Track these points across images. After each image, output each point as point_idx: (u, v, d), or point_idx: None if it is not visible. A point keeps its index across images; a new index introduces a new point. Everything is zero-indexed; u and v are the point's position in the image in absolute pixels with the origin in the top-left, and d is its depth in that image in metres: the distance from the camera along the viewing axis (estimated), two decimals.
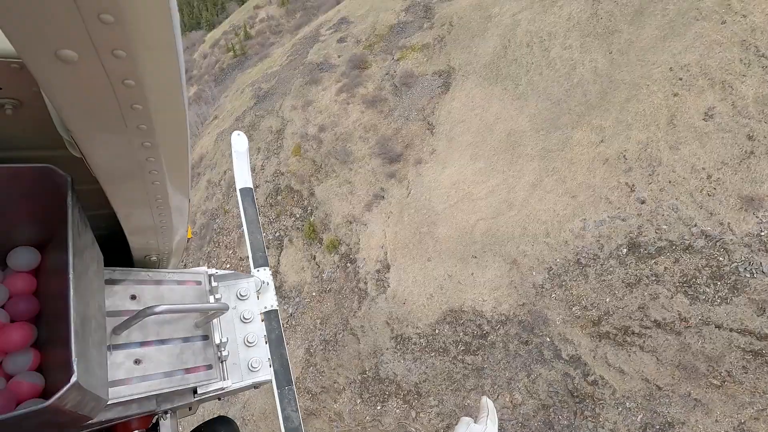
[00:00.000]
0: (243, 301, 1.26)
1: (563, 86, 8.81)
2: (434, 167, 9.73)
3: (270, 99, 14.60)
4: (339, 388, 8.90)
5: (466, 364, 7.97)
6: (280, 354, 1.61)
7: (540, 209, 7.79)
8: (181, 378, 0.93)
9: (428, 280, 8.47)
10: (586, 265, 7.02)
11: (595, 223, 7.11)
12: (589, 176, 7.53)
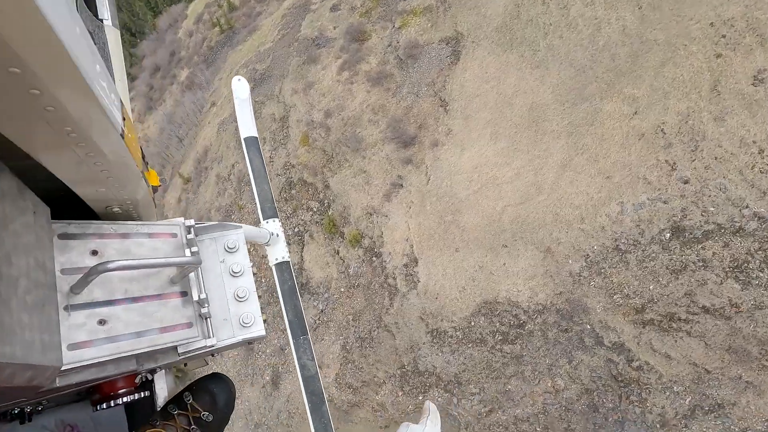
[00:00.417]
0: (232, 254, 1.17)
1: (588, 50, 8.06)
2: (452, 150, 9.24)
3: (267, 82, 13.84)
4: (379, 381, 9.09)
5: (504, 353, 7.99)
6: (294, 305, 1.64)
7: (572, 192, 7.40)
8: (155, 338, 0.88)
9: (459, 272, 8.31)
10: (626, 252, 6.74)
11: (633, 206, 6.74)
12: (624, 154, 7.05)
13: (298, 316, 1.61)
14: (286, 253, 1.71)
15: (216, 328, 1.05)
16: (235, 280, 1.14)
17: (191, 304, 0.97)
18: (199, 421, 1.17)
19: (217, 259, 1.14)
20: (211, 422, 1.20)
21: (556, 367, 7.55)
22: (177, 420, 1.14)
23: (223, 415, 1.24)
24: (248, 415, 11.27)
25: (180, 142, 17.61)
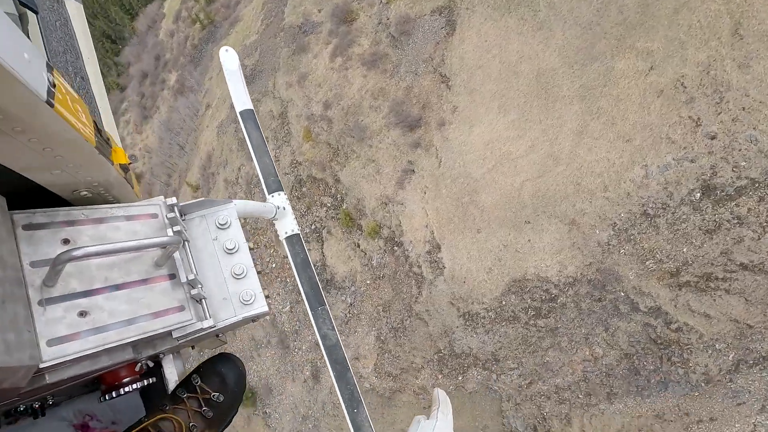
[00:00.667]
0: (224, 231, 1.14)
1: (592, 5, 7.57)
2: (460, 128, 8.96)
3: (260, 78, 13.47)
4: (417, 367, 9.26)
5: (539, 328, 8.02)
6: (308, 277, 1.64)
7: (591, 160, 7.16)
8: (145, 324, 0.86)
9: (483, 253, 8.24)
10: (655, 216, 6.56)
11: (658, 168, 6.50)
12: (643, 114, 6.73)
13: (313, 288, 1.61)
14: (295, 226, 1.69)
15: (215, 308, 1.05)
16: (231, 257, 1.12)
17: (181, 287, 0.94)
18: (209, 402, 1.17)
19: (209, 237, 1.12)
20: (223, 402, 1.20)
21: (592, 335, 7.57)
22: (187, 403, 1.14)
23: (234, 394, 1.23)
24: (294, 409, 11.67)
25: (182, 149, 17.44)
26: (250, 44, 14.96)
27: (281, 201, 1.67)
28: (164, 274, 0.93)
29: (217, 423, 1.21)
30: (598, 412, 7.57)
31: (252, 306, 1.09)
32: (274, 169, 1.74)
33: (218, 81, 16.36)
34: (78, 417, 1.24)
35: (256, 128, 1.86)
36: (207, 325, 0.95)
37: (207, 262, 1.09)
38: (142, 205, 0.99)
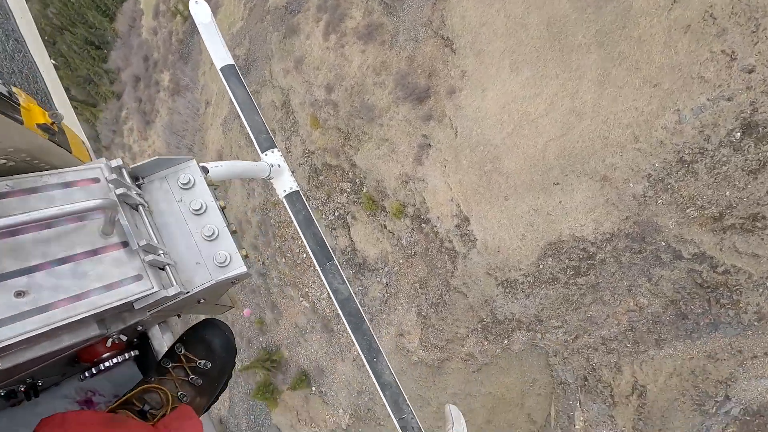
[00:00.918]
0: (188, 191, 1.08)
1: None
2: (472, 93, 8.58)
3: (254, 67, 13.05)
4: (462, 336, 9.47)
5: (579, 286, 8.01)
6: (313, 233, 1.60)
7: (617, 111, 6.80)
8: (98, 299, 0.80)
9: (514, 220, 8.13)
10: (692, 162, 6.28)
11: (692, 111, 6.14)
12: (670, 54, 6.28)
13: (319, 244, 1.59)
14: (293, 183, 1.64)
15: (190, 273, 1.01)
16: (199, 218, 1.07)
17: (137, 255, 0.88)
18: (196, 370, 1.15)
19: (173, 199, 1.07)
20: (211, 369, 1.18)
21: (635, 287, 7.53)
22: (173, 373, 1.13)
23: (223, 360, 1.21)
24: (348, 386, 12.24)
25: (190, 150, 17.36)
26: (237, 32, 14.39)
27: (275, 158, 1.60)
28: (116, 243, 0.87)
29: (209, 390, 1.20)
30: (648, 358, 7.68)
31: (228, 268, 1.04)
32: (264, 126, 1.67)
33: (212, 75, 15.94)
34: (80, 393, 1.24)
35: (240, 84, 1.79)
36: (173, 293, 0.90)
37: (174, 225, 1.04)
38: (80, 170, 0.91)
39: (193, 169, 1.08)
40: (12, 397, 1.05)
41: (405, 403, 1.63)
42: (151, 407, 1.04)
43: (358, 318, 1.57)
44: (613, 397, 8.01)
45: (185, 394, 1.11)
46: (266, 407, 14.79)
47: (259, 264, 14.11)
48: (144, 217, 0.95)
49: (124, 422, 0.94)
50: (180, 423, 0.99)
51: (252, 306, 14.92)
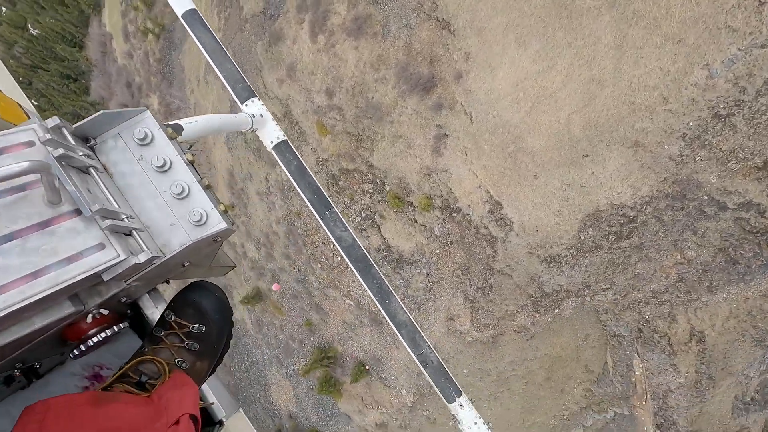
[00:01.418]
0: (147, 147, 0.99)
1: None
2: (481, 75, 8.28)
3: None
4: (512, 312, 9.72)
5: (623, 249, 8.06)
6: (308, 182, 1.58)
7: (641, 74, 6.53)
8: (57, 275, 0.74)
9: (547, 198, 8.08)
10: (729, 116, 6.08)
11: (723, 64, 5.87)
12: (690, 6, 5.92)
13: (316, 193, 1.55)
14: (280, 133, 1.56)
15: (166, 236, 0.96)
16: (165, 176, 0.99)
17: (93, 222, 0.81)
18: (190, 335, 1.12)
19: (133, 158, 0.98)
20: (206, 332, 1.15)
21: (680, 241, 7.55)
22: (166, 341, 1.10)
23: (217, 322, 1.18)
24: (407, 369, 12.81)
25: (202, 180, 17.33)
26: None
27: (257, 108, 1.50)
28: (68, 212, 0.79)
29: (209, 353, 1.17)
30: (702, 304, 7.82)
31: (206, 226, 0.98)
32: (240, 74, 1.52)
33: (202, 92, 15.57)
34: (87, 369, 1.24)
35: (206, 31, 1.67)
36: (144, 259, 0.83)
37: (139, 187, 0.97)
38: (8, 134, 0.81)
39: (148, 122, 0.98)
40: (11, 381, 1.03)
41: (422, 339, 1.62)
42: (149, 378, 1.02)
43: (365, 263, 1.56)
44: (672, 346, 8.26)
45: (183, 360, 1.09)
46: (332, 398, 15.59)
47: (295, 271, 14.42)
48: (98, 180, 0.87)
49: (115, 398, 0.92)
50: (174, 390, 0.96)
51: (297, 310, 15.40)
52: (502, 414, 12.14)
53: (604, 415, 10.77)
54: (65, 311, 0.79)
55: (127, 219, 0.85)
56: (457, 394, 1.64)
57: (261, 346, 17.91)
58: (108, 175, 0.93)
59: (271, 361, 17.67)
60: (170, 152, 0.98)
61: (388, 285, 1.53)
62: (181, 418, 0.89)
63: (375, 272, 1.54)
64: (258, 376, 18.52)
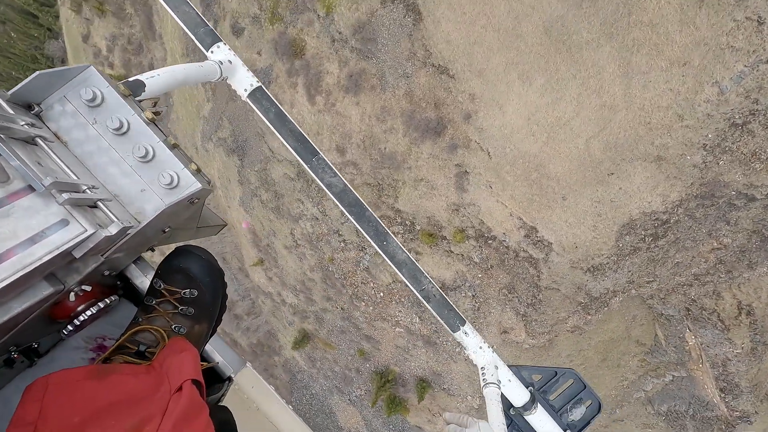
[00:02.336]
0: (99, 108, 0.91)
1: None
2: (490, 113, 8.53)
3: (249, 146, 12.90)
4: (565, 317, 10.24)
5: (660, 246, 8.49)
6: (290, 130, 1.50)
7: (652, 96, 6.81)
8: (21, 258, 0.70)
9: (580, 216, 8.46)
10: (745, 123, 6.40)
11: (732, 80, 6.15)
12: (690, 30, 6.16)
13: (300, 139, 1.49)
14: (253, 79, 1.48)
15: (138, 204, 0.92)
16: (124, 138, 0.92)
17: (50, 197, 0.76)
18: (183, 300, 1.11)
19: (86, 122, 0.91)
20: (199, 296, 1.14)
21: (714, 230, 7.97)
22: (159, 309, 1.09)
23: (209, 284, 1.17)
24: (468, 378, 13.45)
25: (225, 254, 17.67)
26: (210, 114, 14.01)
27: (224, 54, 1.40)
28: (20, 189, 0.75)
29: (206, 315, 1.16)
30: (744, 280, 8.31)
31: (179, 188, 0.94)
32: (200, 18, 1.43)
33: (205, 159, 15.75)
34: (90, 342, 1.23)
35: None
36: (115, 231, 0.80)
37: (99, 154, 0.91)
38: None
39: (95, 80, 0.90)
40: (12, 363, 1.03)
41: (423, 276, 1.64)
42: (147, 346, 1.02)
43: (359, 207, 1.53)
44: (723, 322, 8.79)
45: (180, 326, 1.09)
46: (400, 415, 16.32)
47: (338, 310, 14.93)
48: (49, 151, 0.82)
49: (115, 369, 0.92)
50: (174, 357, 0.96)
51: (346, 343, 15.99)
52: None
53: (662, 379, 11.42)
54: (44, 293, 0.76)
55: (89, 190, 0.81)
56: (461, 323, 1.67)
57: (318, 379, 18.58)
58: (62, 144, 0.87)
59: (331, 391, 18.36)
60: (126, 112, 0.90)
61: (384, 227, 1.52)
62: (183, 384, 0.88)
63: (369, 215, 1.53)
64: (321, 407, 19.24)
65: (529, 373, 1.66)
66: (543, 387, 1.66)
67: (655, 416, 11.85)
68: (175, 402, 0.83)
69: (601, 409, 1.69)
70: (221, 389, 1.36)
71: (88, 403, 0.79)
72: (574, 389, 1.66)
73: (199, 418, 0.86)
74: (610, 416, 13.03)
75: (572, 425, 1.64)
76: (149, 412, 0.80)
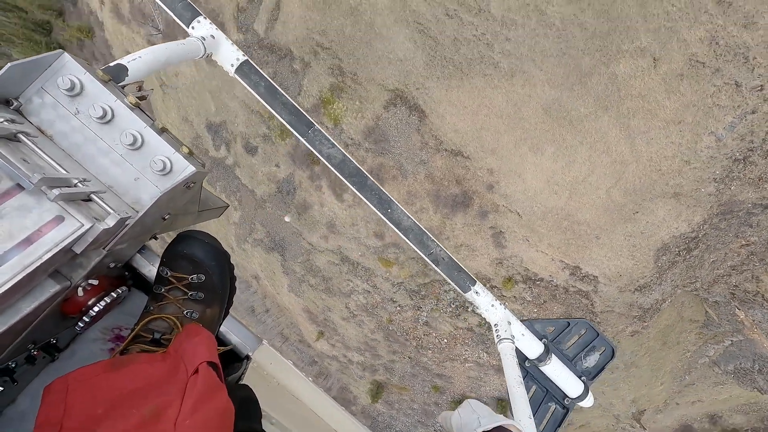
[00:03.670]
0: (79, 97, 0.88)
1: (549, 36, 7.33)
2: (511, 181, 9.45)
3: (289, 243, 13.91)
4: (623, 328, 11.20)
5: (694, 256, 9.39)
6: (282, 102, 1.43)
7: (657, 150, 7.69)
8: (20, 259, 0.67)
9: (616, 250, 9.37)
10: (746, 157, 7.27)
11: (726, 129, 7.01)
12: (677, 97, 7.03)
13: (293, 112, 1.44)
14: (239, 53, 1.42)
15: (134, 193, 0.91)
16: (109, 127, 0.90)
17: (41, 194, 0.73)
18: (191, 286, 1.13)
19: (69, 114, 0.89)
20: (207, 280, 1.15)
21: (740, 233, 8.85)
22: (168, 296, 1.11)
23: (215, 267, 1.18)
24: None
25: (267, 312, 18.78)
26: (240, 221, 15.03)
27: (205, 29, 1.35)
28: (9, 188, 0.72)
29: (217, 299, 1.18)
30: None
31: (173, 174, 0.93)
32: None
33: (246, 254, 16.82)
34: (107, 333, 1.25)
35: None
36: (113, 222, 0.79)
37: (86, 145, 0.89)
38: None
39: (71, 68, 0.87)
40: (33, 360, 1.04)
41: (430, 240, 1.63)
42: (162, 334, 1.04)
43: (360, 176, 1.49)
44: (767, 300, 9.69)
45: (192, 311, 1.11)
46: None
47: (405, 359, 15.97)
48: (33, 147, 0.79)
49: (132, 359, 0.93)
50: (189, 341, 0.98)
51: (419, 383, 17.05)
52: (637, 382, 13.76)
53: (722, 344, 12.33)
54: (51, 290, 0.77)
55: (80, 183, 0.79)
56: (471, 283, 1.70)
57: (399, 418, 19.67)
58: (47, 138, 0.85)
59: (415, 426, 19.44)
60: (108, 99, 0.89)
61: (388, 194, 1.51)
62: (199, 366, 0.90)
63: (371, 184, 1.49)
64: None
65: (542, 326, 1.67)
66: (556, 338, 1.71)
67: (723, 375, 12.79)
68: (192, 384, 0.85)
69: (614, 354, 1.68)
70: (240, 368, 1.39)
71: (108, 395, 0.80)
72: (587, 338, 1.70)
73: (217, 397, 0.87)
74: (680, 383, 13.98)
75: (587, 371, 1.70)
76: (168, 396, 0.81)
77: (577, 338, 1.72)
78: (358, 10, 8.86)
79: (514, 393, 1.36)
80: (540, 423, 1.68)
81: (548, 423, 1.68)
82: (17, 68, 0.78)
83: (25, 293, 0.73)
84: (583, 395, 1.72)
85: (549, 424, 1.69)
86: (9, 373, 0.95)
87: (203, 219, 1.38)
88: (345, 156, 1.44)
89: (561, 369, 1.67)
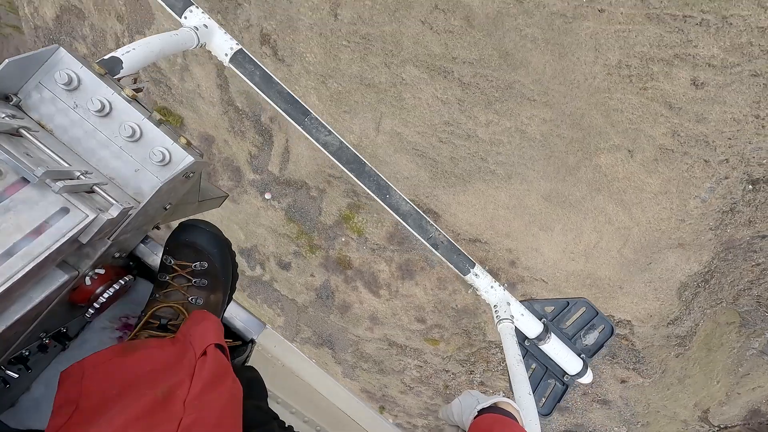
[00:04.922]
0: (77, 92, 0.89)
1: (534, 147, 8.51)
2: (531, 256, 10.46)
3: (336, 339, 14.86)
4: (667, 355, 11.91)
5: (712, 284, 10.22)
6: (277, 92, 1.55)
7: (652, 215, 8.71)
8: (29, 250, 0.70)
9: (641, 295, 10.25)
10: (732, 209, 8.26)
11: (707, 193, 8.04)
12: (657, 176, 8.10)
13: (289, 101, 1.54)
14: (233, 42, 1.49)
15: (135, 185, 0.96)
16: (108, 120, 0.94)
17: (45, 187, 0.77)
18: (195, 273, 1.19)
19: (68, 108, 0.92)
20: (210, 267, 1.20)
21: (747, 258, 9.70)
22: (173, 284, 1.17)
23: (217, 255, 1.23)
24: None
25: None
26: (285, 324, 16.07)
27: (198, 18, 1.40)
28: (15, 182, 0.76)
29: (220, 285, 1.25)
30: None
31: (172, 164, 0.97)
32: None
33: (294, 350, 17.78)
34: (115, 322, 1.33)
35: None
36: (116, 213, 0.83)
37: (86, 138, 0.93)
38: None
39: (67, 62, 0.89)
40: (45, 349, 1.11)
41: (428, 224, 1.69)
42: (168, 320, 1.12)
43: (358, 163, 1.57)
44: None
45: (197, 297, 1.18)
46: None
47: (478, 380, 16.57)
48: (36, 141, 0.84)
49: (142, 345, 1.00)
50: (196, 326, 1.04)
51: None
52: (694, 388, 14.26)
53: (763, 336, 12.89)
54: (60, 280, 0.83)
55: (83, 176, 0.85)
56: (470, 266, 1.76)
57: None
58: (47, 132, 0.90)
59: None
60: (105, 92, 0.92)
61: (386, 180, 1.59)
62: (207, 349, 0.95)
63: (369, 170, 1.58)
64: None
65: (542, 306, 1.75)
66: (556, 317, 1.78)
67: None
68: (201, 365, 0.90)
69: (613, 332, 1.78)
70: (245, 352, 1.48)
71: (122, 377, 0.87)
72: (587, 317, 1.77)
73: (225, 378, 0.93)
74: (736, 375, 14.42)
75: (586, 349, 1.76)
76: (178, 377, 0.87)
77: (577, 317, 1.79)
78: (360, 146, 10.15)
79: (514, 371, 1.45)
80: (540, 399, 1.80)
81: (548, 399, 1.82)
82: (14, 64, 0.82)
83: (36, 283, 0.78)
84: (582, 372, 1.84)
85: (549, 400, 1.82)
86: (23, 360, 1.01)
87: (204, 209, 1.47)
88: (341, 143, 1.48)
89: (560, 347, 1.76)
